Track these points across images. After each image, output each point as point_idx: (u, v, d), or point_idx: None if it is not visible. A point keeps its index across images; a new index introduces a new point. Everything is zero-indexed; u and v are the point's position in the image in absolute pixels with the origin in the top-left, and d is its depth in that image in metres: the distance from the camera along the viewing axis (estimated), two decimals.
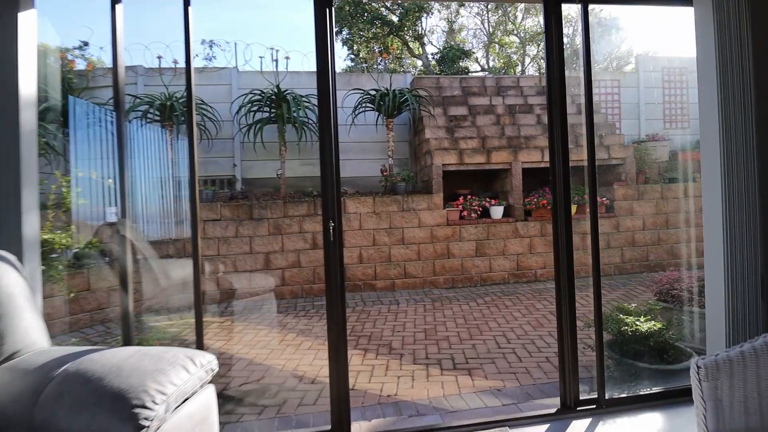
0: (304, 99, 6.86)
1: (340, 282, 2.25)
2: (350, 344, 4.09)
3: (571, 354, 2.48)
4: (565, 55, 2.61)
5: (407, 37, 10.51)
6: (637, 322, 2.79)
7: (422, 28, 10.21)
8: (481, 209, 6.48)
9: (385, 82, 7.62)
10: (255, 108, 6.85)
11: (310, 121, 7.21)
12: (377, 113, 7.31)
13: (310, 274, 6.04)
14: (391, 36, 9.15)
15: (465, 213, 6.44)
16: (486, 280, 6.35)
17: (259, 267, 5.93)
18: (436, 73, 9.57)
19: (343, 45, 10.54)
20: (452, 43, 9.91)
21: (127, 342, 2.05)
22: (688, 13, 2.60)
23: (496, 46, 10.72)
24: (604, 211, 6.80)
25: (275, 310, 5.45)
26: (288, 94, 6.68)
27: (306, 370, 3.50)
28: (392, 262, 6.18)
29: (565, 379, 2.49)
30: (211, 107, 7.43)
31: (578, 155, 7.14)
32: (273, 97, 6.70)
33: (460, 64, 9.03)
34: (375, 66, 9.41)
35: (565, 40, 2.69)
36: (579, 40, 2.77)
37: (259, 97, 6.65)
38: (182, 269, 5.14)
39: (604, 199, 6.78)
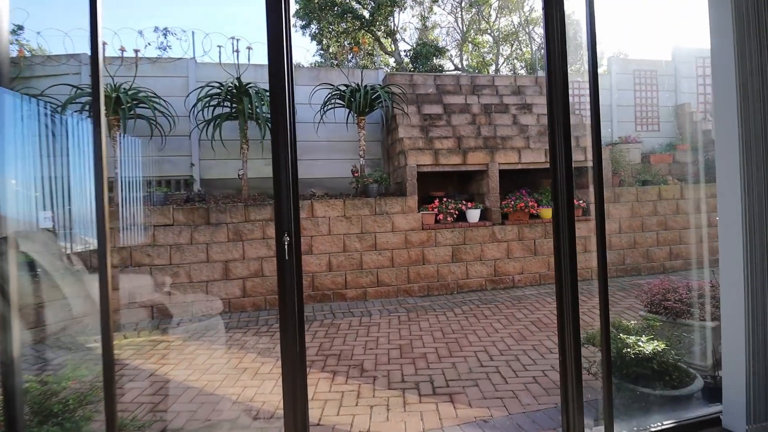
0: (268, 93, 6.35)
1: (297, 310, 1.81)
2: (317, 366, 3.64)
3: (575, 379, 2.14)
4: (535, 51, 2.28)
5: (379, 33, 10.13)
6: (640, 343, 2.50)
7: (395, 24, 9.86)
8: (457, 212, 6.18)
9: (356, 78, 7.21)
10: (214, 102, 6.28)
11: None
12: (348, 111, 6.89)
13: (274, 284, 5.53)
14: (363, 31, 8.75)
15: (441, 216, 6.12)
16: (463, 287, 6.04)
17: (217, 277, 5.38)
18: (410, 71, 9.24)
19: (311, 39, 10.05)
20: (425, 40, 9.62)
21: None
22: (660, 15, 2.34)
23: (470, 45, 10.52)
24: (580, 214, 6.63)
25: (233, 325, 4.92)
26: (250, 87, 6.15)
27: (264, 401, 3.03)
28: (364, 269, 5.77)
29: (567, 408, 2.15)
30: (164, 101, 6.80)
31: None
32: (233, 90, 6.15)
33: (435, 61, 8.74)
34: (346, 62, 8.98)
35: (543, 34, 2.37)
36: (571, 31, 2.46)
37: (218, 90, 6.08)
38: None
39: (581, 201, 6.62)
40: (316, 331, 4.58)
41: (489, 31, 10.26)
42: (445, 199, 6.25)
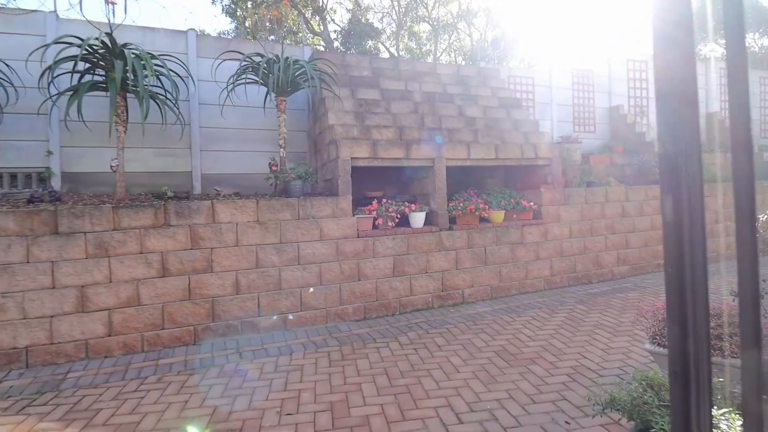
0: (156, 61, 4.82)
1: None
2: None
3: None
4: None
5: (307, 13, 8.86)
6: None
7: (323, 2, 8.66)
8: (399, 216, 5.16)
9: (276, 53, 5.91)
10: (78, 68, 4.61)
11: (167, 94, 5.18)
12: (266, 91, 5.57)
13: (156, 316, 4.06)
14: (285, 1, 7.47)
15: (380, 221, 5.06)
16: (406, 306, 5.03)
17: (68, 310, 3.79)
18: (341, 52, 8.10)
19: (223, 12, 8.49)
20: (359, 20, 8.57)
21: None
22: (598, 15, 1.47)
23: (406, 34, 9.69)
24: (531, 218, 5.99)
25: (85, 382, 3.40)
26: (129, 49, 4.59)
27: None
28: (284, 289, 4.51)
29: None
30: (5, 64, 4.98)
31: (510, 152, 6.26)
32: (102, 52, 4.55)
33: (369, 43, 7.69)
34: (264, 37, 7.59)
35: None
36: None
37: (78, 48, 4.43)
38: None
39: (532, 203, 5.97)
40: (212, 385, 3.25)
41: (427, 19, 9.49)
42: (384, 201, 5.21)
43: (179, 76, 5.42)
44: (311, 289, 4.61)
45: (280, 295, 4.49)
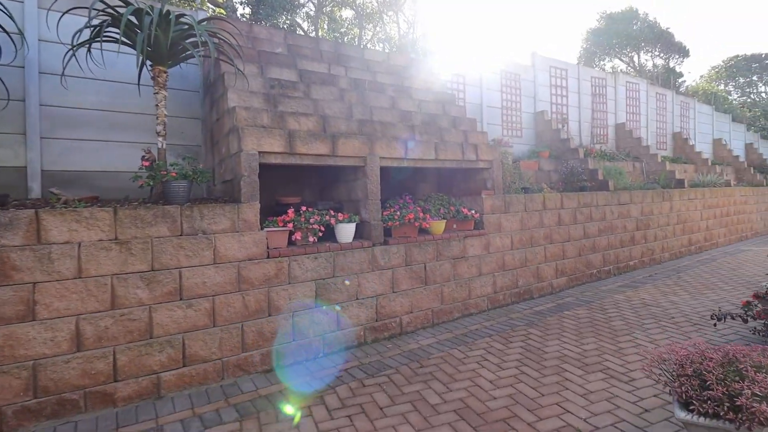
0: None
1: None
2: None
3: None
4: None
5: None
6: None
7: None
8: (323, 229, 4.05)
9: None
10: None
11: None
12: (140, 60, 4.09)
13: None
14: None
15: (298, 236, 3.91)
16: (333, 344, 3.93)
17: None
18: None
19: None
20: None
21: None
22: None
23: (326, 19, 8.60)
24: (472, 228, 5.28)
25: None
26: None
27: None
28: (157, 338, 3.14)
29: None
30: None
31: (451, 153, 5.42)
32: None
33: (284, 17, 6.46)
34: None
35: None
36: None
37: None
38: None
39: (473, 211, 5.26)
40: None
41: (351, 3, 8.50)
42: (304, 209, 4.06)
43: (4, 31, 3.76)
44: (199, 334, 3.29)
45: (151, 348, 3.11)
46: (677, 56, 18.57)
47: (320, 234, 4.02)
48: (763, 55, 21.66)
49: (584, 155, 8.75)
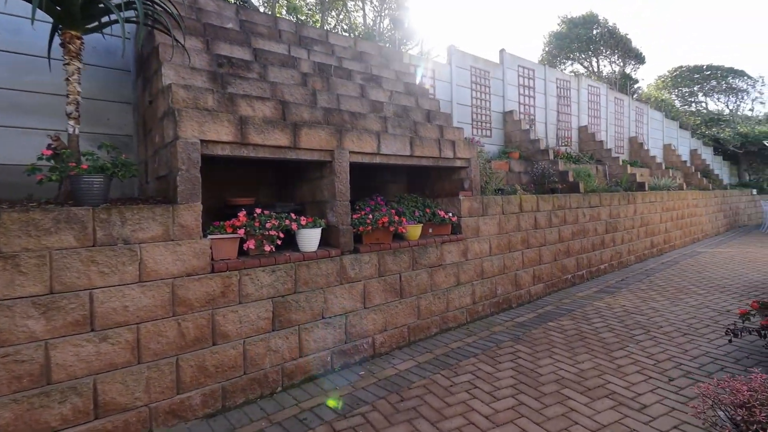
0: None
1: None
2: None
3: None
4: None
5: None
6: None
7: None
8: (282, 236, 3.38)
9: None
10: None
11: None
12: (34, 11, 3.25)
13: None
14: None
15: (251, 244, 3.21)
16: (294, 375, 3.27)
17: None
18: None
19: None
20: None
21: None
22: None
23: (285, 4, 7.85)
24: (449, 232, 4.79)
25: None
26: None
27: None
28: (57, 384, 2.36)
29: None
30: None
31: (428, 149, 4.84)
32: None
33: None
34: None
35: None
36: None
37: None
38: None
39: (450, 214, 4.78)
40: None
41: None
42: (259, 212, 3.37)
43: None
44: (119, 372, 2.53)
45: (49, 398, 2.32)
46: (633, 62, 19.38)
47: (279, 242, 3.35)
48: (704, 67, 23.18)
49: (554, 157, 8.57)
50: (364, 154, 3.94)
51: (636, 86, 19.68)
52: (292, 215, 3.51)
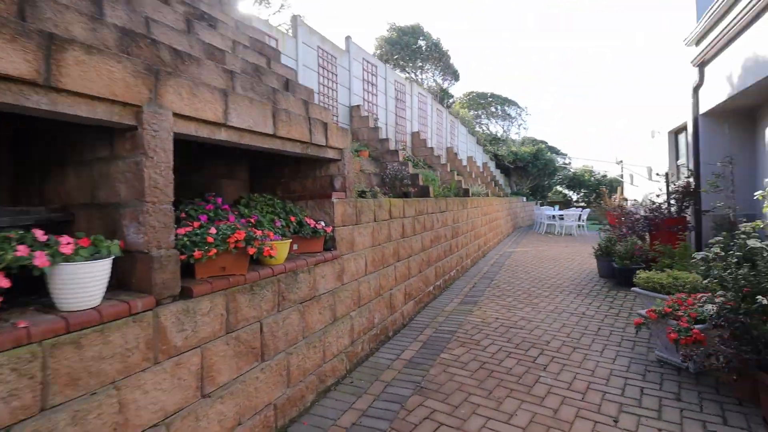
0: None
1: None
2: None
3: None
4: None
5: None
6: None
7: None
8: (9, 280, 1.46)
9: None
10: None
11: None
12: None
13: None
14: None
15: None
16: None
17: None
18: None
19: None
20: None
21: None
22: None
23: None
24: (321, 248, 3.47)
25: None
26: None
27: None
28: None
29: None
30: None
31: (296, 129, 3.11)
32: None
33: None
34: None
35: None
36: None
37: None
38: None
39: (322, 224, 3.46)
40: None
41: None
42: None
43: None
44: None
45: None
46: (450, 78, 21.53)
47: (4, 291, 1.44)
48: (488, 94, 27.95)
49: (405, 159, 8.10)
50: (200, 122, 2.25)
51: (451, 101, 22.06)
52: (38, 234, 1.61)
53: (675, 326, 3.21)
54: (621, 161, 13.84)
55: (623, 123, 13.09)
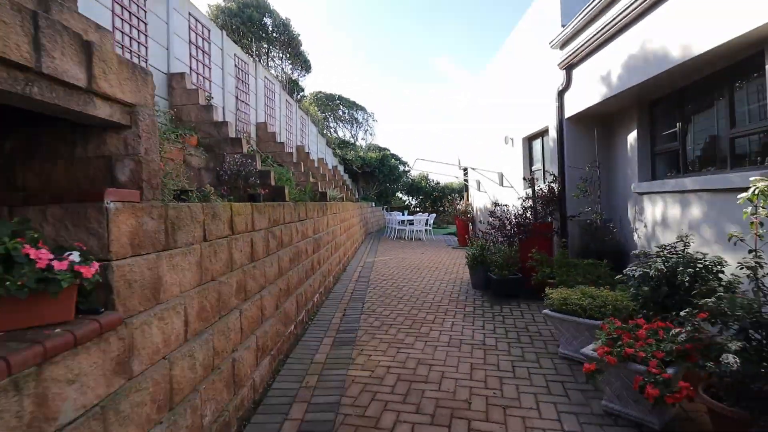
0: None
1: None
2: None
3: None
4: None
5: None
6: None
7: None
8: None
9: None
10: None
11: None
12: None
13: None
14: None
15: None
16: None
17: None
18: None
19: None
20: None
21: None
22: None
23: None
24: (68, 318, 1.56)
25: None
26: None
27: None
28: None
29: None
30: None
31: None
32: None
33: None
34: None
35: None
36: None
37: None
38: None
39: (71, 255, 1.55)
40: None
41: None
42: None
43: None
44: None
45: None
46: (301, 69, 19.53)
47: None
48: (336, 96, 27.14)
49: (250, 151, 6.19)
50: None
51: (301, 95, 20.21)
52: None
53: (646, 374, 2.38)
54: (466, 168, 14.43)
55: (471, 128, 13.59)
